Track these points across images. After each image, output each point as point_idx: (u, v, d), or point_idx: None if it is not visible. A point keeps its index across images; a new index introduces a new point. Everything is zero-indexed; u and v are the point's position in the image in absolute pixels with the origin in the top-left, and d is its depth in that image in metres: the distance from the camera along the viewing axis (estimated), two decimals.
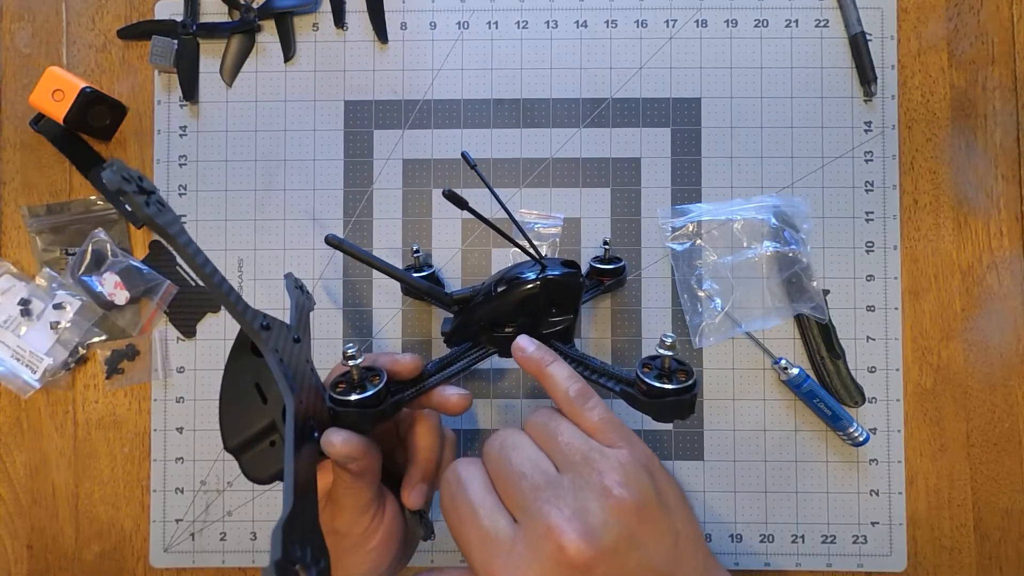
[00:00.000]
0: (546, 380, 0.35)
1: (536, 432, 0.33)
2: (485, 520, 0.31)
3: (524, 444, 0.33)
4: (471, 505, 0.31)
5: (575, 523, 0.28)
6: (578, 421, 0.33)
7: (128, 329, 0.51)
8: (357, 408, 0.35)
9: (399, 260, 0.52)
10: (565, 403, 0.34)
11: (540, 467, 0.31)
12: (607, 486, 0.29)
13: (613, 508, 0.29)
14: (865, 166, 0.51)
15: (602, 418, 0.33)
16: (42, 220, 0.52)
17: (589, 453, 0.31)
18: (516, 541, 0.29)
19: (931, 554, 0.50)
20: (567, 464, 0.31)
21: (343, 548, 0.37)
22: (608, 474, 0.30)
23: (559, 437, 0.32)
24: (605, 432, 0.32)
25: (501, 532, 0.30)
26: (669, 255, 0.51)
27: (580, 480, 0.30)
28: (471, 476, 0.33)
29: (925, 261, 0.51)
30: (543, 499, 0.30)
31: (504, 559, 0.29)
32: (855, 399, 0.50)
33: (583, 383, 0.35)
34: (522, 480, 0.31)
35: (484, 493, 0.32)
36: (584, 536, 0.28)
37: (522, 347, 0.37)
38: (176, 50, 0.51)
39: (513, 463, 0.32)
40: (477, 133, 0.52)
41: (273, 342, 0.33)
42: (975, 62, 0.51)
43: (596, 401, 0.34)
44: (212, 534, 0.51)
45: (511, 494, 0.31)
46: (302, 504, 0.28)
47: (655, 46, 0.52)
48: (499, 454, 0.33)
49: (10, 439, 0.52)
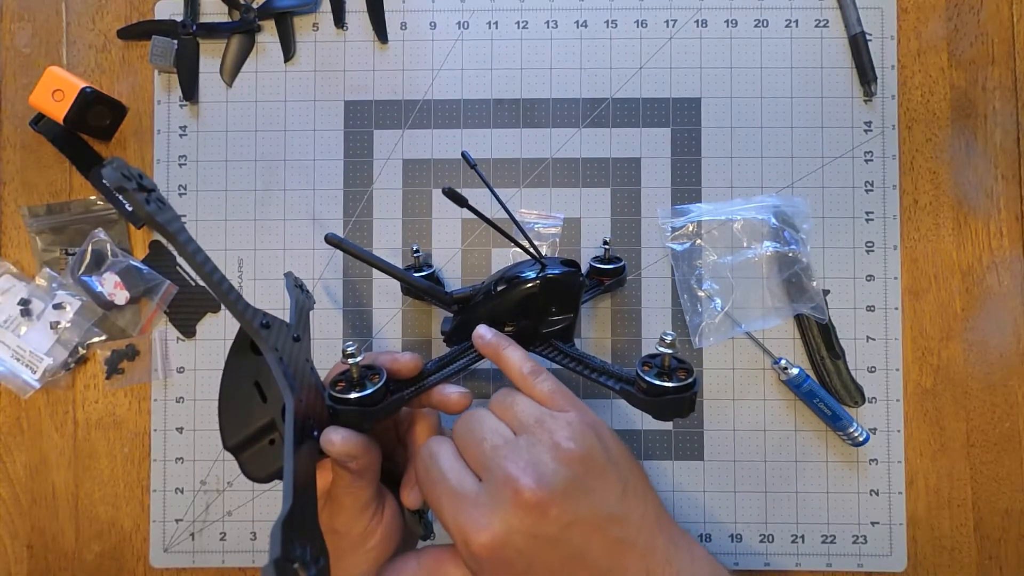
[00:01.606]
0: (503, 362, 0.39)
1: (496, 407, 0.37)
2: (453, 481, 0.34)
3: (485, 416, 0.36)
4: (441, 471, 0.35)
5: (529, 471, 0.32)
6: (531, 393, 0.37)
7: (128, 329, 0.51)
8: (356, 407, 0.35)
9: (399, 260, 0.52)
10: (519, 379, 0.37)
11: (499, 432, 0.35)
12: (556, 441, 0.33)
13: (563, 458, 0.33)
14: (865, 166, 0.51)
15: (551, 389, 0.36)
16: (42, 220, 0.52)
17: (541, 416, 0.35)
18: (480, 494, 0.33)
19: (931, 554, 0.50)
20: (522, 427, 0.35)
21: (342, 547, 0.37)
22: (557, 431, 0.34)
23: (515, 407, 0.36)
24: (555, 399, 0.36)
25: (467, 488, 0.33)
26: (669, 255, 0.51)
27: (533, 439, 0.34)
28: (440, 448, 0.36)
29: (925, 261, 0.51)
30: (501, 455, 0.33)
31: (470, 510, 0.33)
32: (855, 399, 0.50)
33: (534, 363, 0.38)
34: (483, 443, 0.35)
35: (452, 459, 0.35)
36: (537, 481, 0.32)
37: (481, 334, 0.40)
38: (176, 50, 0.51)
39: (475, 431, 0.35)
40: (477, 133, 0.52)
41: (273, 341, 0.33)
42: (975, 62, 0.52)
43: (546, 375, 0.37)
44: (212, 534, 0.51)
45: (475, 457, 0.35)
46: (302, 503, 0.28)
47: (655, 46, 0.52)
48: (464, 426, 0.36)
49: (10, 439, 0.52)
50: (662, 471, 0.51)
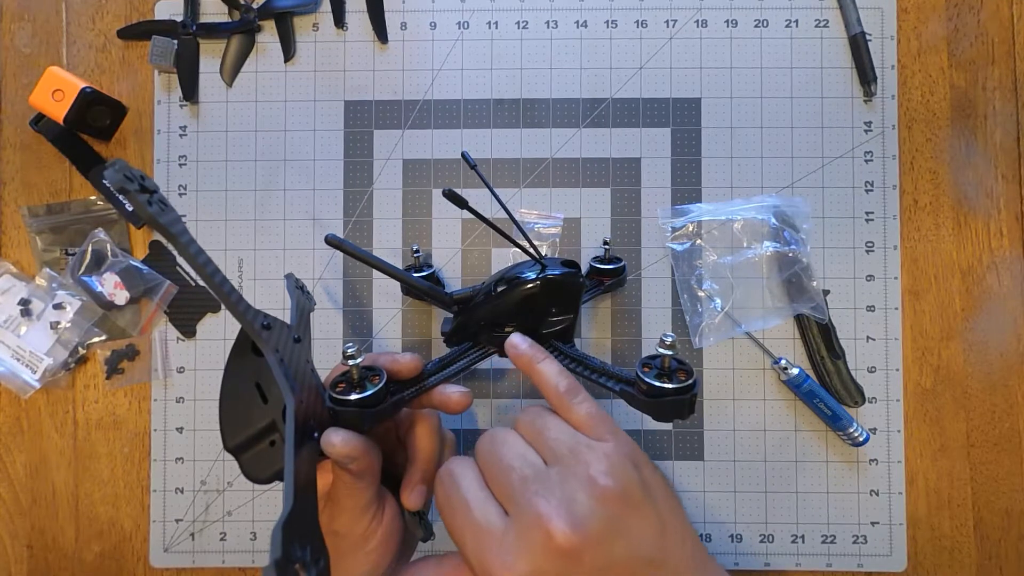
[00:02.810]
0: (536, 376, 0.36)
1: (525, 429, 0.34)
2: (477, 513, 0.31)
3: (513, 440, 0.34)
4: (464, 499, 0.32)
5: (562, 512, 0.29)
6: (566, 416, 0.34)
7: (128, 329, 0.51)
8: (357, 408, 0.35)
9: (399, 260, 0.52)
10: (554, 398, 0.35)
11: (528, 461, 0.32)
12: (593, 476, 0.30)
13: (599, 496, 0.30)
14: (865, 166, 0.51)
15: (589, 412, 0.34)
16: (42, 220, 0.52)
17: (576, 446, 0.32)
18: (507, 531, 0.30)
19: (931, 554, 0.50)
20: (555, 457, 0.32)
21: (342, 549, 0.37)
22: (594, 464, 0.31)
23: (547, 432, 0.33)
24: (592, 426, 0.33)
25: (492, 524, 0.31)
26: (669, 255, 0.51)
27: (567, 472, 0.31)
28: (463, 472, 0.34)
29: (925, 261, 0.51)
30: (532, 491, 0.30)
31: (496, 549, 0.30)
32: (855, 399, 0.50)
33: (572, 379, 0.35)
34: (511, 473, 0.32)
35: (476, 488, 0.33)
36: (571, 524, 0.29)
37: (515, 344, 0.38)
38: (176, 50, 0.51)
39: (503, 458, 0.33)
40: (477, 133, 0.52)
41: (274, 342, 0.33)
42: (975, 62, 0.51)
43: (584, 396, 0.34)
44: (212, 534, 0.51)
45: (501, 487, 0.32)
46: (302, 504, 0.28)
47: (655, 46, 0.52)
48: (489, 450, 0.34)
49: (10, 439, 0.52)
50: (662, 471, 0.51)
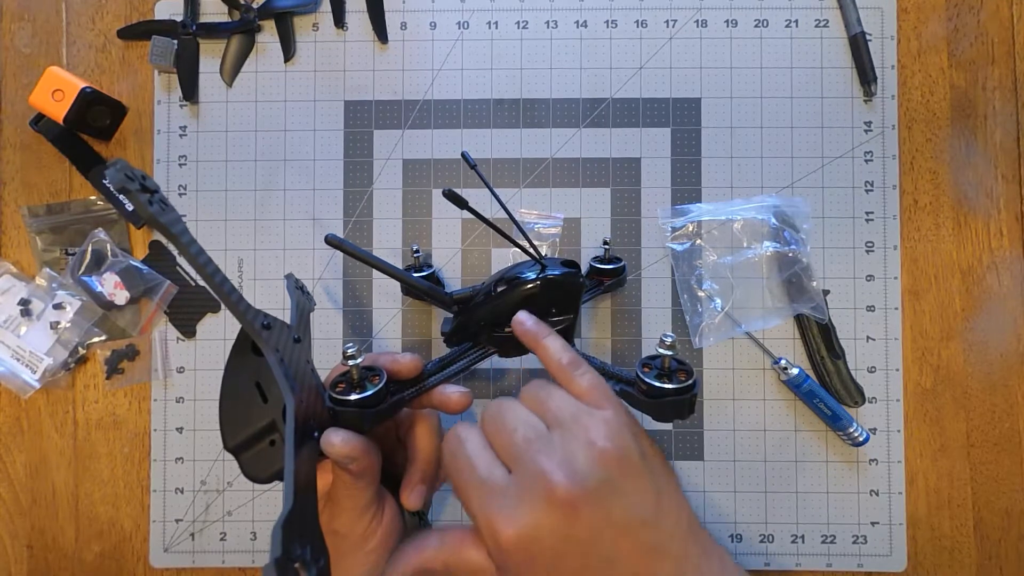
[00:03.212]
0: (541, 351, 0.37)
1: (529, 399, 0.36)
2: (482, 471, 0.33)
3: (516, 407, 0.35)
4: (469, 459, 0.34)
5: (563, 468, 0.31)
6: (568, 386, 0.35)
7: (128, 329, 0.51)
8: (357, 408, 0.35)
9: (399, 260, 0.52)
10: (558, 370, 0.36)
11: (531, 424, 0.34)
12: (592, 439, 0.32)
13: (598, 457, 0.31)
14: (865, 166, 0.51)
15: (591, 383, 0.35)
16: (42, 220, 0.52)
17: (577, 413, 0.33)
18: (509, 486, 0.32)
19: (931, 554, 0.50)
20: (557, 422, 0.33)
21: (342, 549, 0.37)
22: (593, 429, 0.32)
23: (550, 401, 0.34)
24: (593, 395, 0.34)
25: (496, 480, 0.32)
26: (669, 255, 0.51)
27: (568, 435, 0.32)
28: (468, 435, 0.35)
29: (925, 261, 0.51)
30: (535, 449, 0.32)
31: (499, 503, 0.32)
32: (855, 399, 0.50)
33: (574, 353, 0.37)
34: (515, 434, 0.33)
35: (481, 448, 0.34)
36: (571, 478, 0.31)
37: (521, 320, 0.39)
38: (176, 50, 0.51)
39: (508, 422, 0.34)
40: (477, 133, 0.52)
41: (274, 341, 0.33)
42: (975, 62, 0.51)
43: (586, 368, 0.36)
44: (212, 534, 0.51)
45: (505, 447, 0.33)
46: (302, 503, 0.28)
47: (655, 46, 0.52)
48: (495, 415, 0.35)
49: (10, 439, 0.52)
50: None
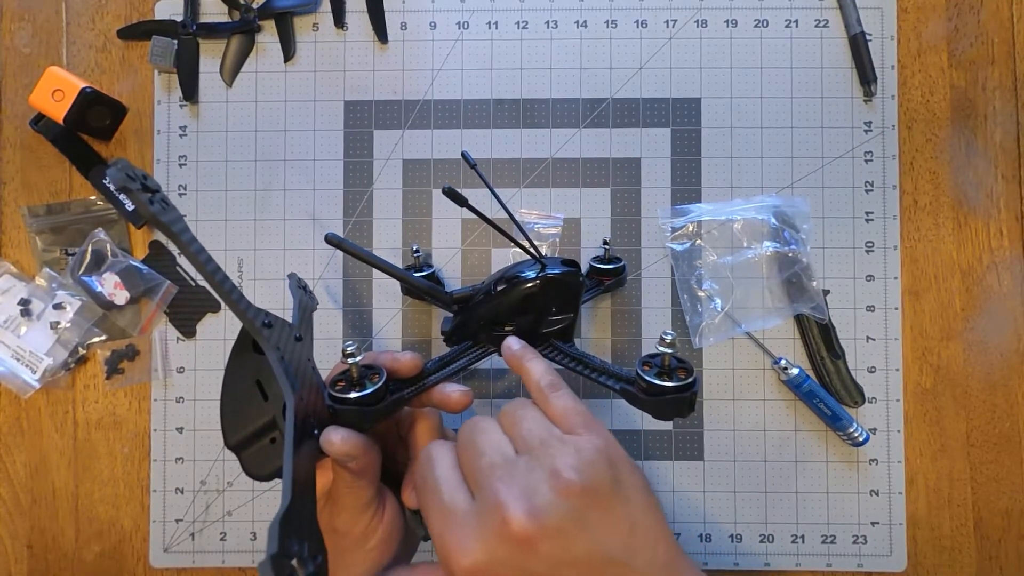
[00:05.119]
0: (524, 373, 0.37)
1: (505, 419, 0.35)
2: (446, 494, 0.32)
3: (490, 428, 0.34)
4: (436, 481, 0.33)
5: (521, 500, 0.29)
6: (545, 408, 0.35)
7: (128, 329, 0.51)
8: (356, 406, 0.35)
9: (399, 260, 0.52)
10: (536, 391, 0.36)
11: (500, 449, 0.33)
12: (558, 469, 0.30)
13: (561, 490, 0.30)
14: (865, 166, 0.51)
15: (566, 406, 0.34)
16: (42, 220, 0.52)
17: (547, 438, 0.32)
18: (468, 514, 0.31)
19: (931, 554, 0.50)
20: (526, 447, 0.32)
21: (343, 547, 0.37)
22: (560, 458, 0.31)
23: (523, 423, 0.33)
24: (568, 419, 0.33)
25: (458, 506, 0.32)
26: (669, 255, 0.51)
27: (534, 462, 0.31)
28: (440, 455, 0.34)
29: (925, 261, 0.51)
30: (496, 476, 0.31)
31: (456, 530, 0.31)
32: (855, 399, 0.50)
33: (556, 376, 0.36)
34: (481, 459, 0.32)
35: (449, 471, 0.33)
36: (528, 512, 0.29)
37: (509, 345, 0.39)
38: (176, 50, 0.51)
39: (477, 444, 0.33)
40: (477, 133, 0.52)
41: (275, 340, 0.33)
42: (975, 62, 0.52)
43: (564, 392, 0.35)
44: (212, 534, 0.51)
45: (471, 472, 0.33)
46: (300, 500, 0.28)
47: (655, 46, 0.52)
48: (468, 436, 0.34)
49: (10, 439, 0.52)
50: (662, 471, 0.51)
